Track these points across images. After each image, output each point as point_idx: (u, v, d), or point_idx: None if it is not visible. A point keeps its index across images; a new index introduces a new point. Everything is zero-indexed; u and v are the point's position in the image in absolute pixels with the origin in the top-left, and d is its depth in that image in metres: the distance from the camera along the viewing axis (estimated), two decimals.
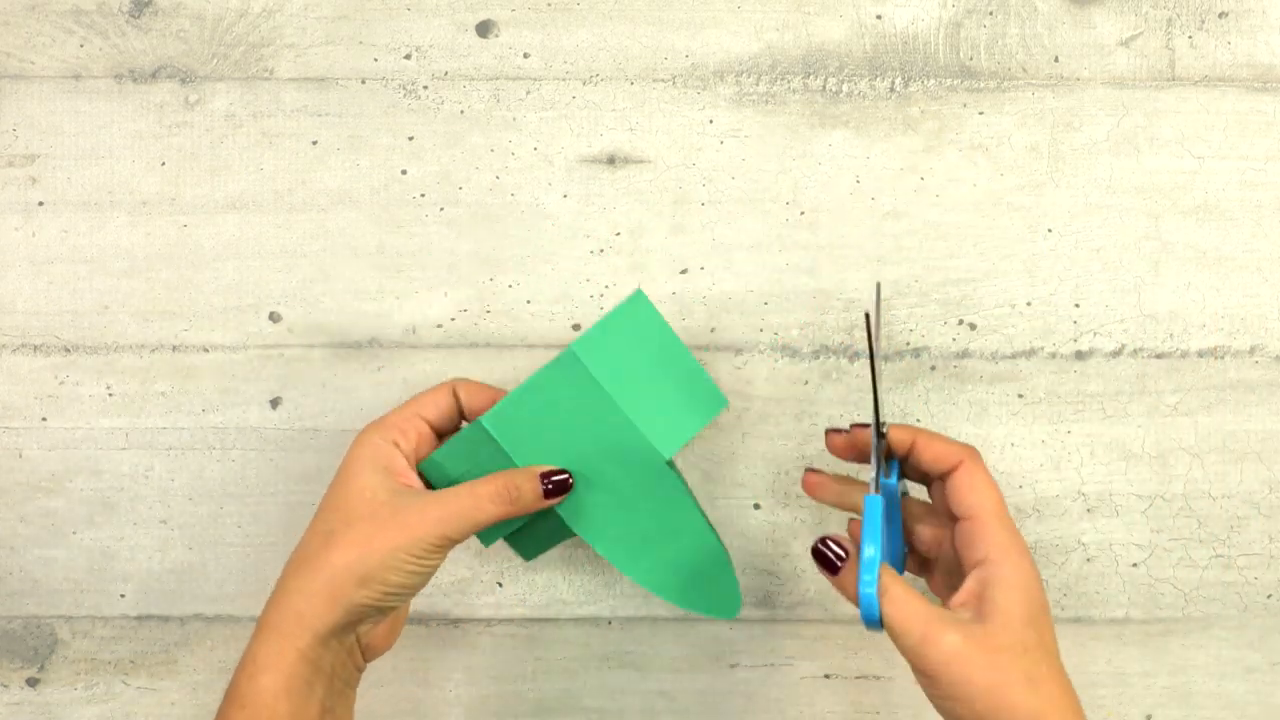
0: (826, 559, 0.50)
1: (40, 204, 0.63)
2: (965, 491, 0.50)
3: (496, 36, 0.63)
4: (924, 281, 0.63)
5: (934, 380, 0.63)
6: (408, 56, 0.63)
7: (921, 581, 0.55)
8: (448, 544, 0.51)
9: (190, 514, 0.63)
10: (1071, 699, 0.47)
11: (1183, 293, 0.63)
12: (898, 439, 0.52)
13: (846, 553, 0.49)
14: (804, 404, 0.63)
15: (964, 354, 0.63)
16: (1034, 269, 0.63)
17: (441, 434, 0.55)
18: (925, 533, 0.53)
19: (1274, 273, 0.63)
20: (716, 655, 0.63)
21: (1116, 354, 0.63)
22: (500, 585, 0.63)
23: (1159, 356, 0.63)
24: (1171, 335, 0.63)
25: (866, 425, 0.53)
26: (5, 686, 0.63)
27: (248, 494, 0.63)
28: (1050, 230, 0.63)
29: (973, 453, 0.51)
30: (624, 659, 0.63)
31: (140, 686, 0.63)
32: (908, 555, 0.55)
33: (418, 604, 0.63)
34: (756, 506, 0.63)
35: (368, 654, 0.53)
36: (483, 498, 0.51)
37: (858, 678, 0.63)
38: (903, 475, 0.54)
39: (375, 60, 0.63)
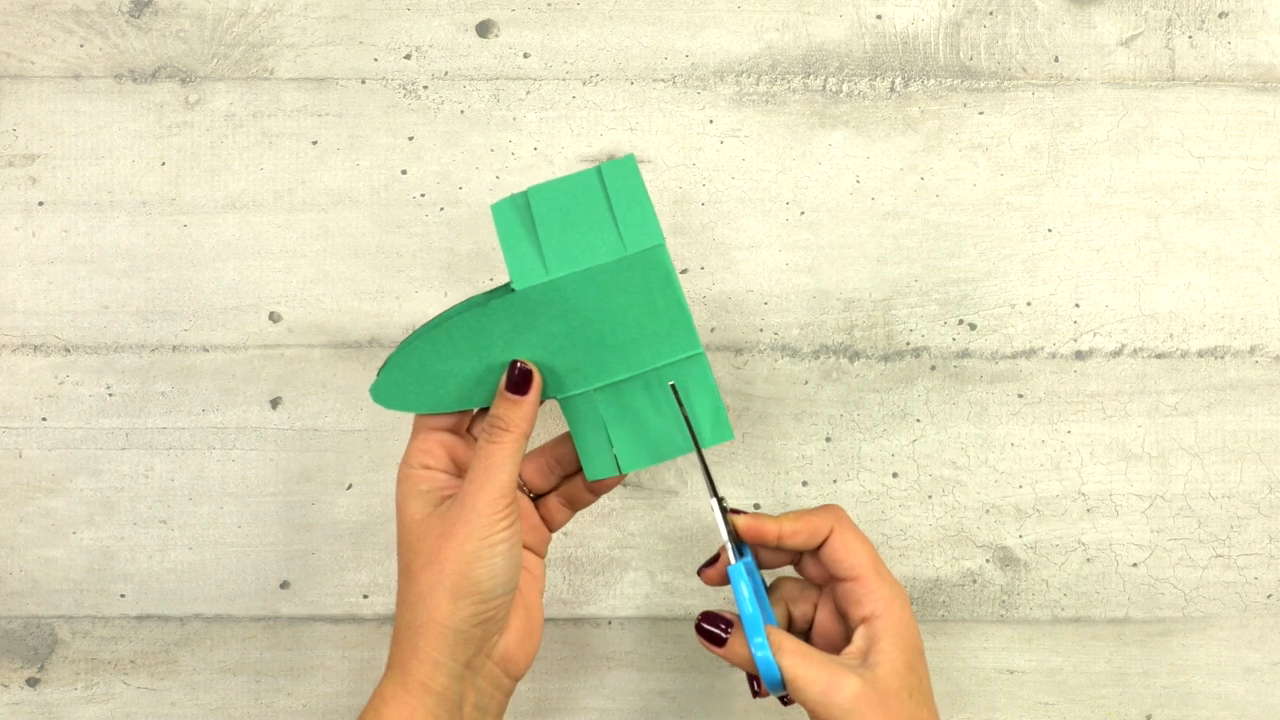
0: (712, 634, 0.52)
1: (40, 204, 0.63)
2: (842, 555, 0.52)
3: (496, 36, 0.63)
4: (924, 281, 0.63)
5: (934, 380, 0.63)
6: (408, 56, 0.63)
7: None
8: (496, 514, 0.50)
9: (190, 514, 0.63)
10: None
11: (1183, 293, 0.63)
12: (757, 534, 0.53)
13: (730, 624, 0.51)
14: (804, 404, 0.63)
15: (964, 354, 0.63)
16: (1034, 269, 0.63)
17: (459, 434, 0.55)
18: (804, 609, 0.55)
19: (1274, 273, 0.63)
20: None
21: (1116, 354, 0.63)
22: None
23: (1159, 356, 0.63)
24: (1171, 335, 0.63)
25: (732, 510, 0.53)
26: (5, 686, 0.63)
27: (248, 494, 0.63)
28: (1050, 230, 0.63)
29: (838, 515, 0.52)
30: (624, 659, 0.63)
31: (140, 686, 0.63)
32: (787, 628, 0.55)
33: None
34: (756, 506, 0.63)
35: (510, 669, 0.52)
36: (483, 447, 0.50)
37: None
38: (758, 560, 0.54)
39: (375, 60, 0.63)
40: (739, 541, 0.53)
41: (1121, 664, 0.63)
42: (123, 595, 0.63)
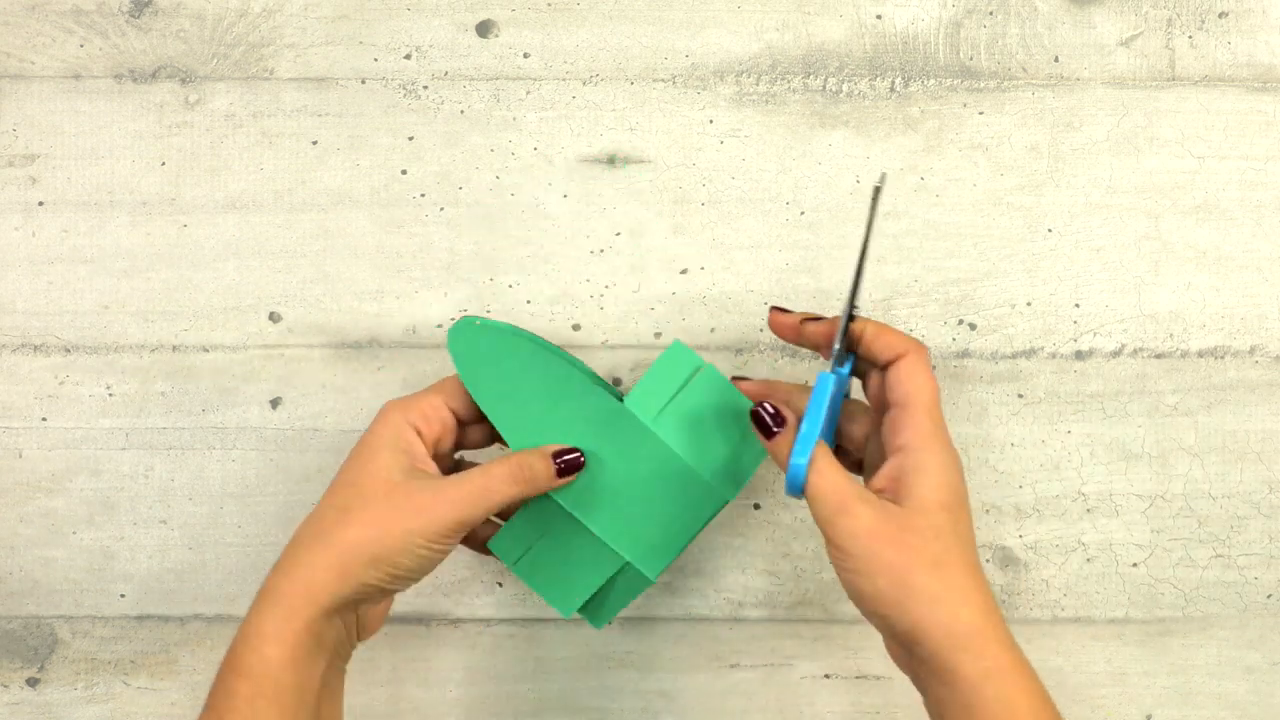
0: (763, 421, 0.52)
1: (40, 204, 0.63)
2: (904, 379, 0.50)
3: (496, 36, 0.63)
4: (924, 281, 0.63)
5: None
6: (408, 56, 0.63)
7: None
8: (461, 529, 0.51)
9: (190, 514, 0.63)
10: (976, 586, 0.48)
11: (1183, 293, 0.63)
12: (854, 328, 0.53)
13: (784, 419, 0.51)
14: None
15: (964, 354, 0.63)
16: (1034, 269, 0.63)
17: (465, 423, 0.55)
18: (856, 430, 0.54)
19: (1274, 273, 0.63)
20: (716, 655, 0.63)
21: (1116, 354, 0.63)
22: (500, 585, 0.63)
23: (1159, 356, 0.63)
24: (1171, 335, 0.63)
25: (818, 318, 0.54)
26: (5, 686, 0.63)
27: (248, 494, 0.63)
28: (1050, 230, 0.63)
29: (919, 347, 0.51)
30: (624, 659, 0.63)
31: (140, 686, 0.63)
32: (837, 453, 0.55)
33: (419, 604, 0.63)
34: (756, 507, 0.63)
35: (361, 634, 0.53)
36: (496, 478, 0.51)
37: (857, 678, 0.63)
38: (855, 372, 0.54)
39: (375, 60, 0.63)
40: (849, 352, 0.53)
41: (1121, 664, 0.63)
42: (123, 595, 0.63)
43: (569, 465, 0.53)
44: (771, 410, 0.52)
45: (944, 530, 0.48)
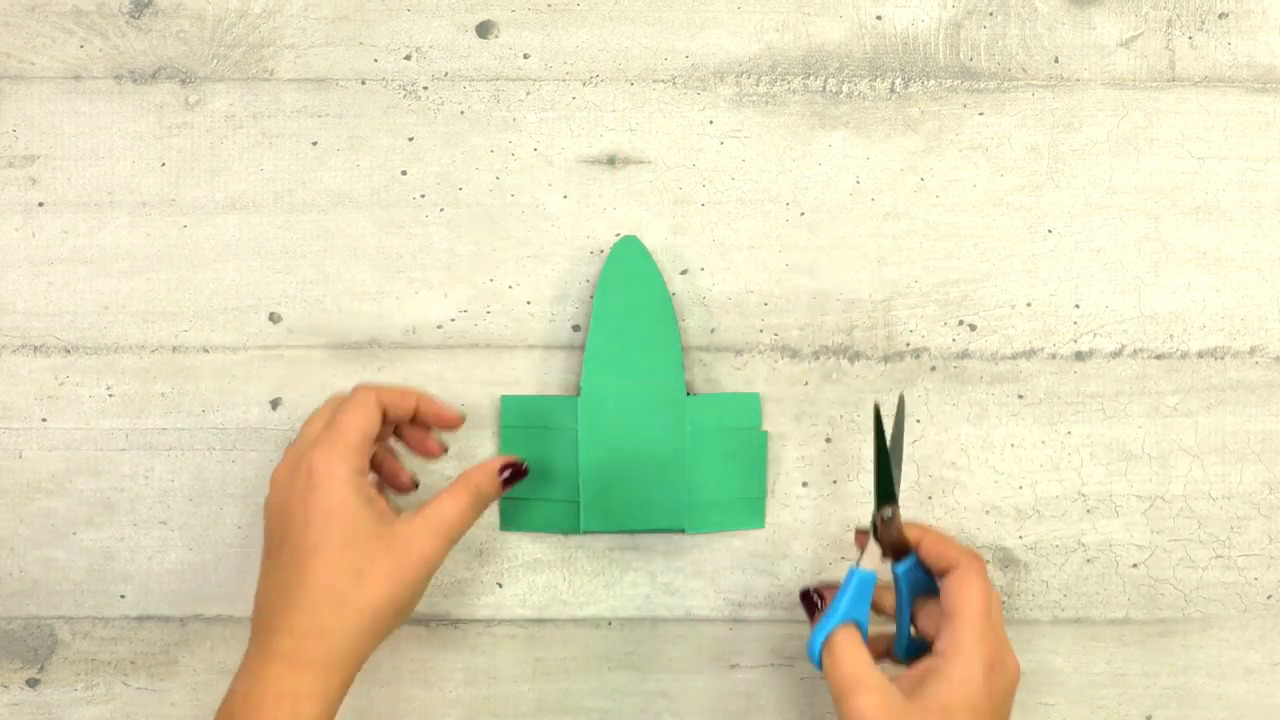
0: (806, 606, 0.58)
1: (40, 204, 0.63)
2: (952, 590, 0.53)
3: (496, 37, 0.63)
4: (924, 282, 0.63)
5: (934, 381, 0.63)
6: (408, 57, 0.63)
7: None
8: (446, 555, 0.55)
9: (190, 514, 0.63)
10: None
11: (1183, 293, 0.63)
12: (910, 536, 0.55)
13: (816, 607, 0.56)
14: (804, 404, 0.63)
15: (964, 354, 0.63)
16: (1034, 269, 0.63)
17: (379, 442, 0.58)
18: (928, 625, 0.56)
19: (1274, 273, 0.63)
20: (716, 655, 0.63)
21: (1116, 354, 0.63)
22: (500, 585, 0.63)
23: (1159, 357, 0.63)
24: (1171, 336, 0.63)
25: (885, 515, 0.56)
26: (5, 687, 0.63)
27: (248, 494, 0.63)
28: (1050, 230, 0.63)
29: (972, 557, 0.54)
30: (624, 659, 0.63)
31: (140, 686, 0.63)
32: (913, 642, 0.57)
33: (419, 604, 0.63)
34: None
35: None
36: (462, 506, 0.54)
37: None
38: (928, 571, 0.56)
39: (375, 61, 0.63)
40: (901, 549, 0.55)
41: (1121, 664, 0.63)
42: (123, 596, 0.63)
43: (513, 476, 0.57)
44: (815, 597, 0.57)
45: None
